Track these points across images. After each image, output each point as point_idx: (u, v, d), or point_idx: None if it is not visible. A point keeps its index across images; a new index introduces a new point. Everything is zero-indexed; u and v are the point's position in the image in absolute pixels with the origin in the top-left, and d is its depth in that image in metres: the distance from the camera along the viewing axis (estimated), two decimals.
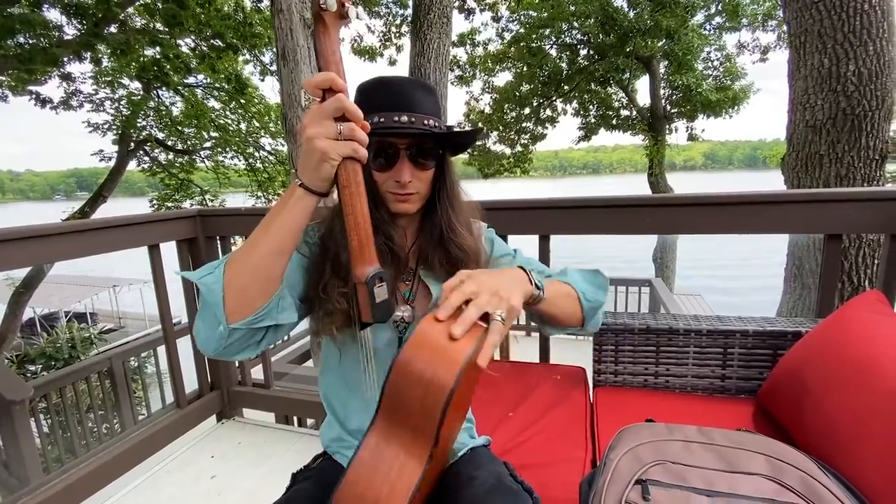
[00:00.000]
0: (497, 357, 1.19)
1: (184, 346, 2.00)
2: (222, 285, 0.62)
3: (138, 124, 9.12)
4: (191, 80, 9.37)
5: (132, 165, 10.06)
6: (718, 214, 1.36)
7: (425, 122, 0.76)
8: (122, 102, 8.95)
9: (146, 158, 10.04)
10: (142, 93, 9.00)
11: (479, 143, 12.54)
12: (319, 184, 0.61)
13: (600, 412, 1.23)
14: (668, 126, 10.94)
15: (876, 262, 2.57)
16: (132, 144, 9.56)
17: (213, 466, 1.73)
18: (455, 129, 0.82)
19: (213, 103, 10.15)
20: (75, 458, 1.60)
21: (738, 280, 17.58)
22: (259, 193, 10.34)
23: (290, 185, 0.64)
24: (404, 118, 0.74)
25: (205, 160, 10.59)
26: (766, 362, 1.26)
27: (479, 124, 12.30)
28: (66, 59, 6.45)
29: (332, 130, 0.58)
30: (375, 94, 0.77)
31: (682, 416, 1.11)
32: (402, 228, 0.84)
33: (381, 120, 0.74)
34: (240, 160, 10.43)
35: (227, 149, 10.25)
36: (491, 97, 12.07)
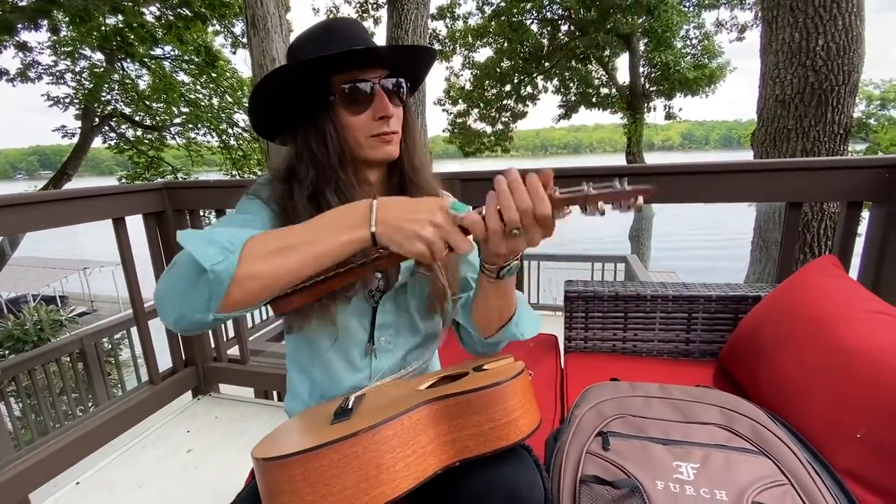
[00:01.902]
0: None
1: (156, 322, 1.97)
2: (231, 279, 0.54)
3: (102, 98, 8.70)
4: (157, 51, 8.94)
5: (98, 142, 9.66)
6: (682, 183, 1.38)
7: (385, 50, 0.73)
8: (83, 75, 8.51)
9: (112, 135, 9.63)
10: (105, 65, 8.57)
11: (459, 120, 12.42)
12: (389, 245, 0.58)
13: (570, 375, 1.27)
14: (646, 104, 11.02)
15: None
16: (97, 120, 9.13)
17: (190, 441, 1.72)
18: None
19: (182, 77, 9.74)
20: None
21: (713, 258, 18.08)
22: (234, 172, 10.06)
23: (355, 215, 0.59)
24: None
25: (175, 137, 10.21)
26: (728, 326, 1.31)
27: (460, 101, 12.15)
28: (20, 26, 6.05)
29: (449, 236, 0.58)
30: (333, 34, 0.73)
31: (647, 378, 1.15)
32: (373, 187, 0.80)
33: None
34: (212, 137, 10.08)
35: (199, 125, 9.88)
36: (471, 73, 11.90)
